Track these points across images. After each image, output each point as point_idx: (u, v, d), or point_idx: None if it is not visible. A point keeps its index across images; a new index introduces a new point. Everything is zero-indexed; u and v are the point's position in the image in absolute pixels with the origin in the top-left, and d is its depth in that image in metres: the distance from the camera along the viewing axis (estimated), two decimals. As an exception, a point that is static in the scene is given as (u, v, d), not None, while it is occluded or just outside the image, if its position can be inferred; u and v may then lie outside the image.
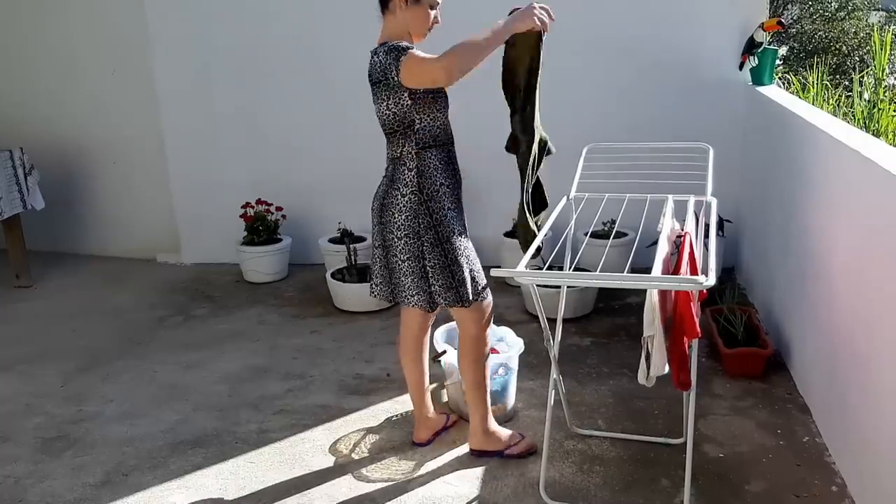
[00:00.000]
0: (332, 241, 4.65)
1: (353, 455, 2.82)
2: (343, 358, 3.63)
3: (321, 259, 4.75)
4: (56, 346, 3.88)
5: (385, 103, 2.43)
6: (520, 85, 2.43)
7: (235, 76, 4.76)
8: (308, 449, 2.87)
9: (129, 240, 5.25)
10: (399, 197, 2.47)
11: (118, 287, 4.72)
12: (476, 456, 2.76)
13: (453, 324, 2.97)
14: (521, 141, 2.51)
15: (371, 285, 2.69)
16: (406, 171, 2.47)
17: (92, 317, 4.27)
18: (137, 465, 2.79)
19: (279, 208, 4.74)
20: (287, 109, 4.76)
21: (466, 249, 2.55)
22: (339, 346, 3.76)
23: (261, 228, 4.65)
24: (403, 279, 2.54)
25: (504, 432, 2.79)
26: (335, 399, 3.24)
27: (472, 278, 2.55)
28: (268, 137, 4.83)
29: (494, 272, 2.10)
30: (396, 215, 2.48)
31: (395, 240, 2.50)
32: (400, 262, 2.52)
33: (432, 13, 2.48)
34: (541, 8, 2.35)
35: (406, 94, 2.39)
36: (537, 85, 2.41)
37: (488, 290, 2.64)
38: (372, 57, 2.47)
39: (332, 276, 4.24)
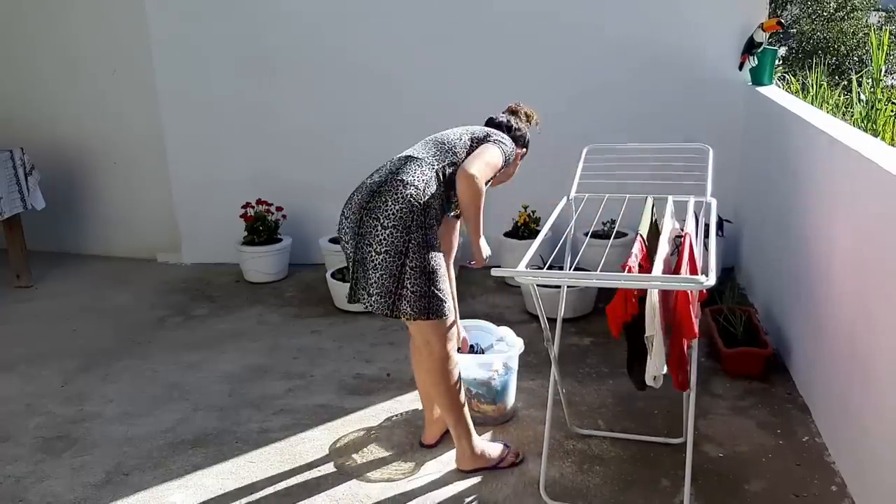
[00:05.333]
0: (333, 240, 4.64)
1: (353, 455, 2.82)
2: (343, 358, 3.63)
3: (321, 259, 4.75)
4: (56, 346, 3.88)
5: (467, 145, 2.57)
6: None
7: (235, 76, 4.76)
8: (308, 449, 2.87)
9: (130, 240, 5.25)
10: (400, 188, 2.38)
11: (118, 287, 4.73)
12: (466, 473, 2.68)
13: (461, 322, 2.94)
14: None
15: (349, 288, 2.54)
16: (419, 174, 2.44)
17: (92, 317, 4.27)
18: (138, 465, 2.80)
19: (279, 208, 4.74)
20: (287, 109, 4.77)
21: (444, 266, 2.48)
22: (340, 346, 3.76)
23: (261, 228, 4.65)
24: (372, 273, 2.39)
25: (492, 449, 2.68)
26: (335, 399, 3.24)
27: (445, 294, 2.46)
28: (268, 137, 4.84)
29: (495, 272, 2.10)
30: (390, 204, 2.37)
31: (380, 229, 2.36)
32: (375, 255, 2.37)
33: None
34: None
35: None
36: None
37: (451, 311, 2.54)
38: (494, 122, 2.77)
39: (333, 275, 4.25)
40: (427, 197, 2.43)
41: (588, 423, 2.97)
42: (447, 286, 2.49)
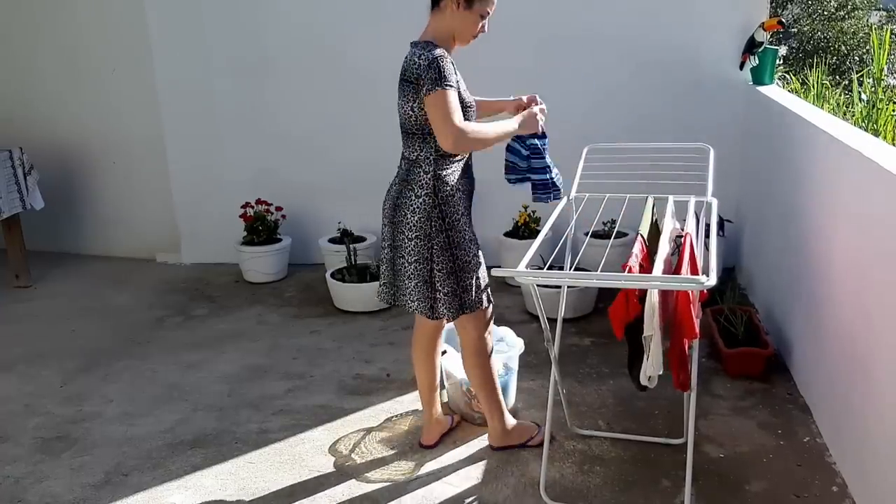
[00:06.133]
0: (332, 240, 4.65)
1: (353, 455, 2.82)
2: (343, 358, 3.63)
3: (321, 259, 4.74)
4: (56, 346, 3.88)
5: (411, 104, 2.38)
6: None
7: (236, 76, 4.75)
8: (308, 449, 2.87)
9: (129, 240, 5.25)
10: (413, 198, 2.45)
11: (118, 287, 4.72)
12: (496, 450, 2.80)
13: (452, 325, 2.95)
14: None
15: (378, 285, 2.70)
16: (422, 174, 2.44)
17: (92, 317, 4.27)
18: (137, 466, 2.79)
19: (279, 208, 4.74)
20: (287, 109, 4.76)
21: (475, 256, 2.54)
22: (339, 346, 3.76)
23: (260, 228, 4.65)
24: (407, 282, 2.52)
25: (524, 427, 2.83)
26: (335, 399, 3.24)
27: (478, 285, 2.55)
28: (268, 137, 4.83)
29: (495, 272, 2.10)
30: (409, 216, 2.45)
31: (406, 241, 2.48)
32: (407, 265, 2.50)
33: (481, 22, 2.46)
34: (539, 110, 2.59)
35: None
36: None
37: (490, 296, 2.64)
38: (412, 50, 2.38)
39: (332, 276, 4.24)
40: (441, 196, 2.44)
41: (588, 423, 2.97)
42: (478, 276, 2.54)
